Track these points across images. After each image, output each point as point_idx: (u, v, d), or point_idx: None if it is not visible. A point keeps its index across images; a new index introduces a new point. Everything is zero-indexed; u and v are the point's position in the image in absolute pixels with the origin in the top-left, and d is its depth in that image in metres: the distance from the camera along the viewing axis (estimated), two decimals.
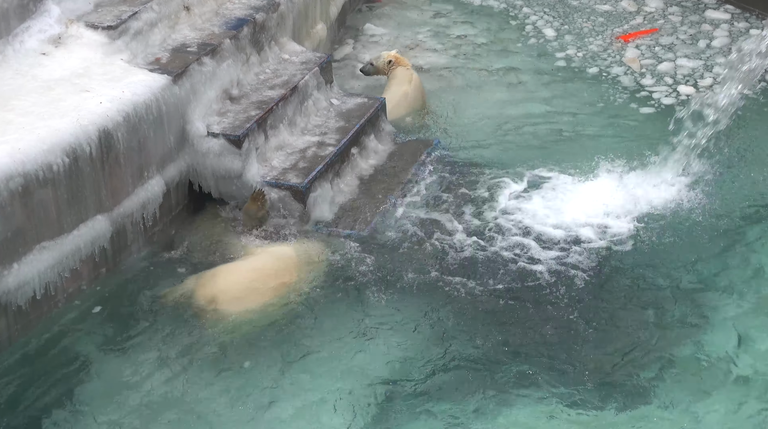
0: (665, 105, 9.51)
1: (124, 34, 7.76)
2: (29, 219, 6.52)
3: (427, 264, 7.32)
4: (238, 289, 6.92)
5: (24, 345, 6.61)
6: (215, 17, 8.54)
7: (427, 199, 8.07)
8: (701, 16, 11.02)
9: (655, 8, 11.26)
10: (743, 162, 8.47)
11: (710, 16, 11.04)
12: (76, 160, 6.75)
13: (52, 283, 6.76)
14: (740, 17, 10.95)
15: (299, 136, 8.33)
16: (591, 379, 6.31)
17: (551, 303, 6.92)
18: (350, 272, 7.23)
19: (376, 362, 6.48)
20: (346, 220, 7.80)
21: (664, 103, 9.53)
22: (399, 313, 6.90)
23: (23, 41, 7.47)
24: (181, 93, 7.61)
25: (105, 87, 7.22)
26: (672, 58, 10.23)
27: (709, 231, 7.65)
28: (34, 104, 6.94)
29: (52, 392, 6.29)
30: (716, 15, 11.07)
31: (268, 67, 8.63)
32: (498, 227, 7.69)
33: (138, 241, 7.42)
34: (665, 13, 11.14)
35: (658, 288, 7.08)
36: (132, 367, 6.46)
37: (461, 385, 6.31)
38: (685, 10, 11.16)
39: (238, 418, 6.11)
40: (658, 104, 9.54)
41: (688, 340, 6.59)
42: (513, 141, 8.99)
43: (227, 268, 7.13)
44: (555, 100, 9.68)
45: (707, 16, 11.04)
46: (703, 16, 11.03)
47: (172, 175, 7.66)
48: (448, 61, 10.50)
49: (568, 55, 10.49)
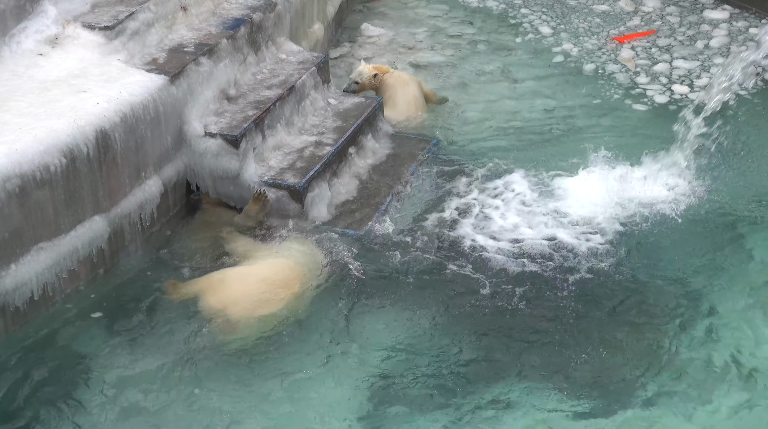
0: (658, 103, 9.50)
1: (121, 34, 7.75)
2: (26, 220, 6.52)
3: (424, 264, 7.33)
4: (249, 300, 6.80)
5: (21, 344, 6.61)
6: (212, 17, 8.54)
7: (424, 199, 8.08)
8: (699, 16, 11.01)
9: (653, 8, 11.26)
10: (741, 159, 8.47)
11: (708, 16, 11.03)
12: (74, 160, 6.74)
13: (49, 284, 6.76)
14: (739, 16, 10.94)
15: (297, 136, 8.33)
16: (589, 378, 6.31)
17: (548, 301, 6.92)
18: (347, 272, 7.22)
19: (374, 361, 6.48)
20: (343, 219, 7.80)
21: (658, 101, 9.52)
22: (396, 313, 6.90)
23: (20, 42, 7.47)
24: (178, 93, 7.60)
25: (102, 87, 7.22)
26: (668, 59, 10.23)
27: (708, 228, 7.66)
28: (31, 105, 6.93)
29: (48, 393, 6.28)
30: (715, 15, 11.04)
31: (266, 67, 8.63)
32: (496, 226, 7.70)
33: (136, 241, 7.42)
34: (663, 13, 11.14)
35: (656, 285, 7.08)
36: (129, 368, 6.46)
37: (461, 386, 6.31)
38: (683, 10, 11.15)
39: (237, 416, 6.11)
40: (652, 102, 9.53)
41: (688, 338, 6.60)
42: (510, 140, 8.99)
43: (236, 277, 7.00)
44: (551, 99, 9.69)
45: (705, 16, 11.03)
46: (701, 16, 11.02)
47: (169, 176, 7.66)
48: (445, 59, 10.51)
49: (565, 54, 10.49)
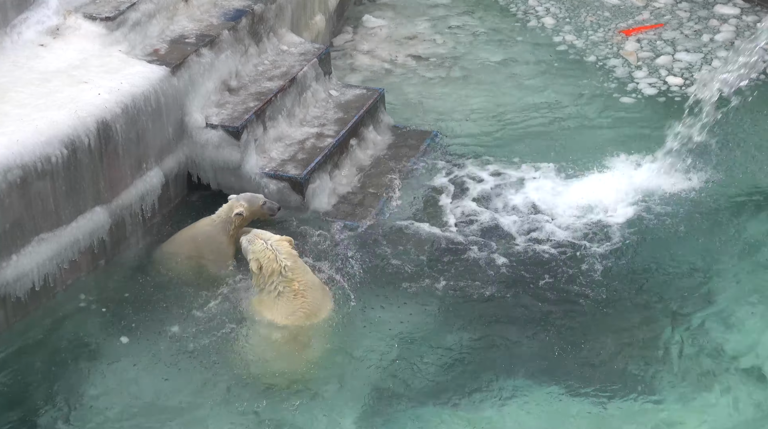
0: (650, 95, 9.43)
1: (122, 25, 7.74)
2: (27, 211, 6.52)
3: (425, 255, 7.33)
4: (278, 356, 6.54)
5: (23, 335, 6.62)
6: (213, 8, 8.52)
7: (425, 191, 8.06)
8: (710, 11, 10.87)
9: (664, 3, 11.10)
10: (741, 152, 8.46)
11: (719, 11, 10.86)
12: (75, 151, 6.74)
13: (50, 275, 6.77)
14: (750, 11, 10.81)
15: (298, 128, 8.32)
16: (590, 371, 6.32)
17: (548, 295, 6.92)
18: (348, 264, 7.22)
19: (373, 353, 6.49)
20: (344, 211, 7.79)
21: (648, 93, 9.44)
22: (396, 304, 6.90)
23: (21, 33, 7.46)
24: (179, 84, 7.59)
25: (103, 78, 7.21)
26: (671, 51, 10.18)
27: (708, 221, 7.64)
28: (32, 96, 6.93)
29: (49, 384, 6.30)
30: (725, 10, 10.87)
31: (267, 59, 8.62)
32: (496, 218, 7.69)
33: (137, 232, 7.42)
34: (674, 8, 11.01)
35: (656, 279, 7.08)
36: (129, 360, 6.47)
37: (461, 378, 6.32)
38: (694, 5, 10.98)
39: (234, 412, 6.12)
40: (644, 94, 9.45)
41: (690, 332, 6.59)
42: (510, 132, 8.98)
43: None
44: (553, 91, 9.65)
45: (716, 11, 10.87)
46: (711, 11, 10.88)
47: (170, 167, 7.65)
48: (447, 50, 10.48)
49: (568, 46, 10.45)
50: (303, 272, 6.60)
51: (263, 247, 6.61)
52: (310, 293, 6.53)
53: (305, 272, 6.64)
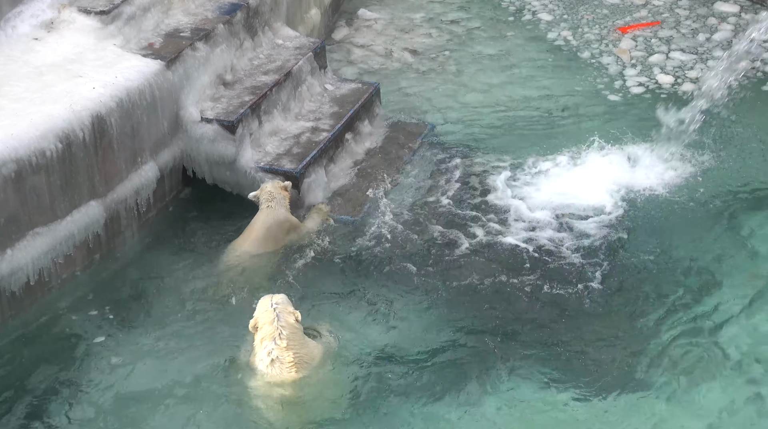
0: (637, 93, 9.41)
1: (116, 19, 7.73)
2: (22, 205, 6.51)
3: (420, 249, 7.33)
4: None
5: (18, 330, 6.62)
6: (208, 2, 8.50)
7: (421, 184, 8.07)
8: (709, 9, 10.80)
9: (663, 2, 11.05)
10: (734, 147, 8.46)
11: (719, 9, 10.76)
12: (69, 145, 6.73)
13: (45, 269, 6.77)
14: (750, 9, 10.74)
15: (293, 122, 8.32)
16: (585, 368, 6.32)
17: (545, 289, 6.92)
18: (343, 258, 7.24)
19: (369, 348, 6.49)
20: (340, 205, 7.80)
21: (635, 92, 9.43)
22: (392, 299, 6.90)
23: (15, 26, 7.45)
24: (174, 78, 7.59)
25: (98, 72, 7.21)
26: (665, 50, 10.15)
27: (703, 215, 7.66)
28: (27, 90, 6.92)
29: (45, 379, 6.30)
30: (725, 8, 10.75)
31: (262, 53, 8.61)
32: (491, 211, 7.70)
33: (132, 226, 7.42)
34: (673, 6, 10.93)
35: (653, 274, 7.09)
36: (125, 354, 6.47)
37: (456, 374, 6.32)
38: (693, 3, 10.91)
39: (233, 408, 6.13)
40: (636, 94, 9.44)
41: (686, 328, 6.60)
42: (505, 125, 8.98)
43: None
44: (546, 86, 9.64)
45: (716, 9, 10.78)
46: (711, 9, 10.81)
47: (165, 161, 7.65)
48: (442, 44, 10.47)
49: (563, 42, 10.44)
50: (300, 345, 6.14)
51: (266, 307, 6.19)
52: (304, 367, 6.10)
53: (303, 345, 6.18)
